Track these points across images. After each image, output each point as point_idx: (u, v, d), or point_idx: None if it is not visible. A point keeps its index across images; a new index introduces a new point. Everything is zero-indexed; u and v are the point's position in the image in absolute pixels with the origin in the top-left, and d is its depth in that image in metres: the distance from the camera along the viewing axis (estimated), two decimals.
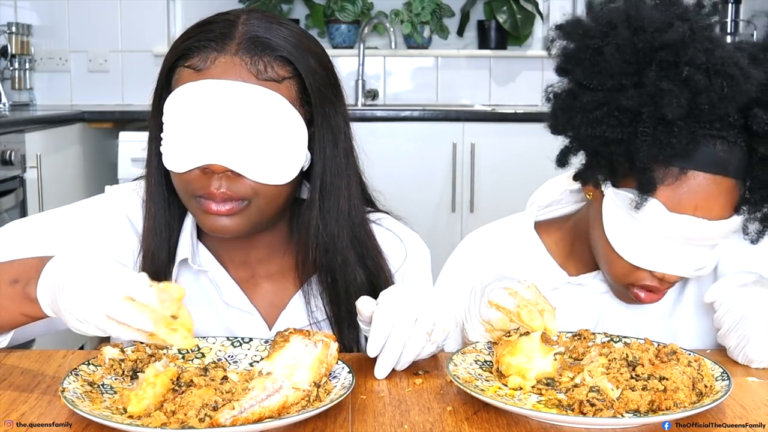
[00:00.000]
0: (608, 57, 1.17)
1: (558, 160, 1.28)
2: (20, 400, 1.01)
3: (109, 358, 1.05)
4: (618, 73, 1.16)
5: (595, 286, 1.37)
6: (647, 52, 1.15)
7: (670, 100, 1.12)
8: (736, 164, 1.18)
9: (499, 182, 3.57)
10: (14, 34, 3.99)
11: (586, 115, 1.19)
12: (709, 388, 1.01)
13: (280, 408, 0.93)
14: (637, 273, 1.24)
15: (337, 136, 1.21)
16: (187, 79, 1.14)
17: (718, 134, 1.16)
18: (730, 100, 1.14)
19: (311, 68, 1.17)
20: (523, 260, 1.39)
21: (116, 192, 1.31)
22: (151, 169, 1.22)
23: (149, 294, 0.92)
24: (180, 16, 4.25)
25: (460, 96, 4.25)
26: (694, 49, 1.14)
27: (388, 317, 1.07)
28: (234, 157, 1.11)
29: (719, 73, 1.13)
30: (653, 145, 1.14)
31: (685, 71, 1.13)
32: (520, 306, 1.09)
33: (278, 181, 1.15)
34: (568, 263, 1.39)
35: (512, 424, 0.96)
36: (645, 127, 1.14)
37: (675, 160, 1.17)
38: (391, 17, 4.15)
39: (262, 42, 1.14)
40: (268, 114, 1.12)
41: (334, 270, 1.24)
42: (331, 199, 1.22)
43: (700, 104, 1.14)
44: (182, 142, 1.13)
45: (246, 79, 1.12)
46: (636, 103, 1.15)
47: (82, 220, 1.28)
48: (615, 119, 1.17)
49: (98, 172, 3.71)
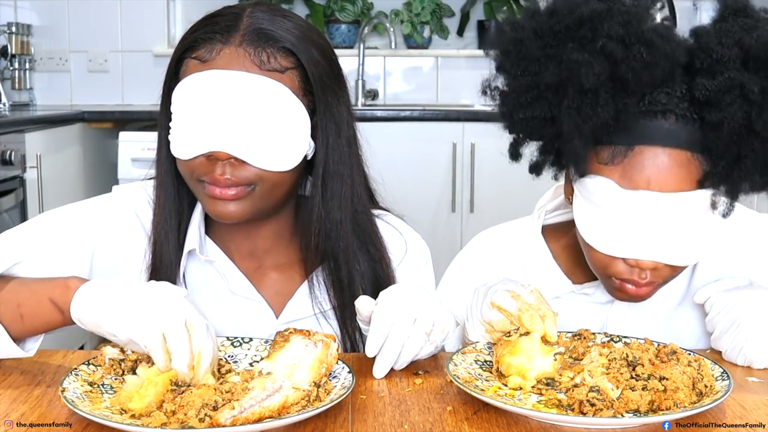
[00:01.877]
0: (528, 43, 1.19)
1: (510, 154, 1.29)
2: (20, 400, 1.01)
3: (109, 358, 1.05)
4: (541, 56, 1.18)
5: (600, 295, 1.35)
6: (564, 32, 1.17)
7: (587, 70, 1.12)
8: (688, 137, 1.16)
9: (499, 182, 3.57)
10: (14, 34, 3.99)
11: (517, 99, 1.21)
12: (709, 388, 1.01)
13: (280, 408, 0.93)
14: (613, 265, 1.22)
15: (340, 125, 1.24)
16: (193, 69, 1.17)
17: (665, 108, 1.15)
18: (655, 67, 1.14)
19: (313, 59, 1.20)
20: (528, 265, 1.38)
21: (124, 190, 1.33)
22: (161, 158, 1.25)
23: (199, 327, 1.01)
24: (180, 16, 4.25)
25: (460, 96, 4.24)
26: (609, 23, 1.15)
27: (387, 317, 1.08)
28: (237, 145, 1.14)
29: (638, 42, 1.13)
30: (578, 117, 1.14)
31: (601, 42, 1.14)
32: (522, 310, 1.09)
33: (281, 168, 1.17)
34: (576, 270, 1.38)
35: (512, 424, 0.96)
36: (570, 101, 1.15)
37: (619, 137, 1.16)
38: (391, 17, 4.15)
39: (266, 33, 1.17)
40: (271, 103, 1.15)
41: (337, 256, 1.26)
42: (333, 186, 1.24)
43: (622, 73, 1.13)
44: (188, 130, 1.16)
45: (249, 70, 1.15)
46: (557, 78, 1.15)
47: (91, 218, 1.29)
48: (543, 99, 1.18)
49: (98, 172, 3.71)
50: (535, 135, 1.24)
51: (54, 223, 1.28)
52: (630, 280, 1.22)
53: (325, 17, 4.15)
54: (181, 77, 1.19)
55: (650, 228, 1.18)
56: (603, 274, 1.26)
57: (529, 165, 1.28)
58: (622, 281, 1.23)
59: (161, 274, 1.25)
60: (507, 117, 1.25)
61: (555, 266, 1.38)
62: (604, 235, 1.20)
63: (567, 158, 1.21)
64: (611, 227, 1.20)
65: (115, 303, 1.01)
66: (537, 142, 1.26)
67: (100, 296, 1.03)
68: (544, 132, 1.21)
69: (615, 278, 1.24)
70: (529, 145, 1.27)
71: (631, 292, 1.24)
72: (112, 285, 1.04)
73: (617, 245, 1.20)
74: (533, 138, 1.25)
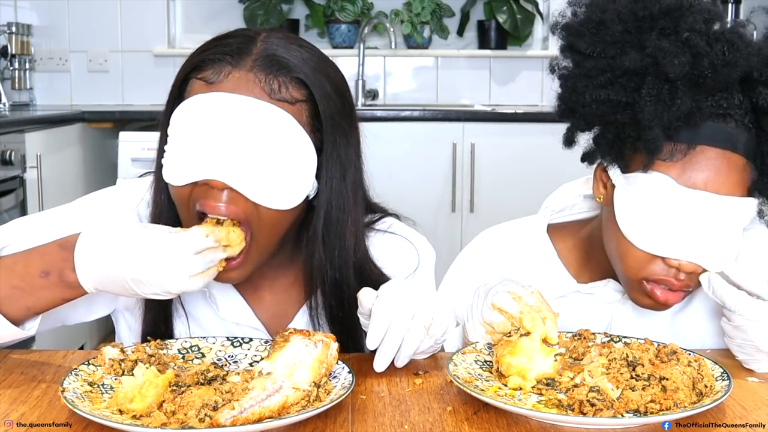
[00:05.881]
0: (610, 25, 1.19)
1: (565, 139, 1.27)
2: (20, 400, 1.01)
3: (109, 358, 1.05)
4: (620, 40, 1.18)
5: (605, 295, 1.35)
6: (647, 20, 1.18)
7: (672, 59, 1.13)
8: (745, 143, 1.17)
9: (499, 182, 3.57)
10: (14, 34, 3.99)
11: (591, 81, 1.19)
12: (709, 388, 1.01)
13: (280, 408, 0.93)
14: (650, 266, 1.21)
15: (347, 167, 1.17)
16: (197, 90, 1.11)
17: (725, 112, 1.16)
18: (733, 66, 1.14)
19: (326, 94, 1.14)
20: (533, 264, 1.38)
21: (128, 186, 1.29)
22: (160, 182, 1.18)
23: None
24: (180, 16, 4.25)
25: (460, 96, 4.25)
26: (693, 17, 1.16)
27: (388, 310, 1.07)
28: (236, 175, 1.08)
29: (719, 40, 1.15)
30: (658, 104, 1.14)
31: (686, 35, 1.15)
32: (523, 312, 1.09)
33: (280, 206, 1.11)
34: (582, 271, 1.37)
35: (512, 424, 0.96)
36: (649, 89, 1.15)
37: (683, 134, 1.16)
38: (391, 17, 4.15)
39: (279, 61, 1.11)
40: (278, 134, 1.09)
41: (341, 298, 1.22)
42: (336, 234, 1.18)
43: (702, 68, 1.14)
44: (184, 154, 1.10)
45: (258, 96, 1.09)
46: (639, 65, 1.16)
47: (92, 211, 1.27)
48: (619, 83, 1.17)
49: (98, 172, 3.71)
50: (602, 119, 1.21)
51: (54, 220, 1.27)
52: (664, 281, 1.21)
53: (325, 17, 4.15)
54: (185, 97, 1.13)
55: (698, 230, 1.17)
56: (634, 278, 1.23)
57: (582, 153, 1.28)
58: (653, 286, 1.22)
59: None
60: (573, 97, 1.22)
61: (560, 265, 1.37)
62: (650, 233, 1.19)
63: (645, 146, 1.16)
64: (659, 225, 1.18)
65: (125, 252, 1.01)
66: (591, 130, 1.25)
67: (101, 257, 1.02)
68: (614, 117, 1.19)
69: (647, 282, 1.22)
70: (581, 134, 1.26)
71: (660, 298, 1.22)
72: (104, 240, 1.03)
73: (662, 244, 1.19)
74: (598, 123, 1.23)
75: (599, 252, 1.32)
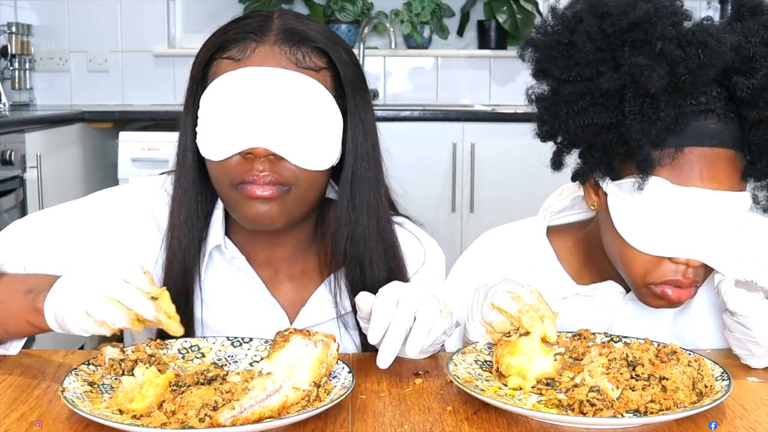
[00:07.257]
0: (581, 47, 1.17)
1: (552, 163, 1.27)
2: (20, 400, 1.01)
3: (109, 358, 1.05)
4: (594, 60, 1.17)
5: (606, 296, 1.34)
6: (618, 35, 1.16)
7: (650, 73, 1.12)
8: (731, 135, 1.17)
9: (499, 182, 3.57)
10: (14, 34, 3.99)
11: (571, 107, 1.18)
12: (709, 388, 1.01)
13: (280, 408, 0.93)
14: (658, 268, 1.20)
15: (367, 129, 1.24)
16: (225, 69, 1.16)
17: (706, 108, 1.16)
18: (709, 67, 1.14)
19: (344, 60, 1.21)
20: (533, 267, 1.38)
21: (143, 186, 1.32)
22: (186, 166, 1.23)
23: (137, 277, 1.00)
24: (180, 16, 4.25)
25: (460, 96, 4.25)
26: (662, 24, 1.15)
27: (389, 307, 1.07)
28: (277, 141, 1.14)
29: (692, 43, 1.14)
30: (643, 121, 1.14)
31: (659, 45, 1.13)
32: (522, 311, 1.09)
33: (318, 167, 1.17)
34: (582, 272, 1.37)
35: (512, 424, 0.96)
36: (631, 106, 1.14)
37: (669, 139, 1.16)
38: (391, 17, 4.15)
39: (299, 33, 1.18)
40: (309, 101, 1.16)
41: (362, 261, 1.25)
42: (362, 192, 1.24)
43: (680, 75, 1.13)
44: (223, 129, 1.15)
45: (287, 67, 1.16)
46: (617, 84, 1.15)
47: (106, 210, 1.28)
48: (600, 105, 1.16)
49: (98, 172, 3.71)
50: (587, 142, 1.21)
51: (65, 217, 1.28)
52: (674, 281, 1.20)
53: (325, 17, 4.15)
54: (210, 79, 1.18)
55: (700, 226, 1.17)
56: (642, 283, 1.22)
57: (572, 173, 1.27)
58: (664, 287, 1.21)
59: (180, 274, 1.24)
60: (554, 123, 1.22)
61: (559, 267, 1.37)
62: (653, 236, 1.19)
63: (638, 165, 1.17)
64: (661, 227, 1.18)
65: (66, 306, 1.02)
66: (578, 149, 1.24)
67: (57, 306, 1.03)
68: (601, 139, 1.18)
69: (655, 285, 1.21)
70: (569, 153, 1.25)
71: (673, 297, 1.21)
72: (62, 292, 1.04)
73: (668, 245, 1.18)
74: (583, 144, 1.23)
75: (599, 253, 1.32)
